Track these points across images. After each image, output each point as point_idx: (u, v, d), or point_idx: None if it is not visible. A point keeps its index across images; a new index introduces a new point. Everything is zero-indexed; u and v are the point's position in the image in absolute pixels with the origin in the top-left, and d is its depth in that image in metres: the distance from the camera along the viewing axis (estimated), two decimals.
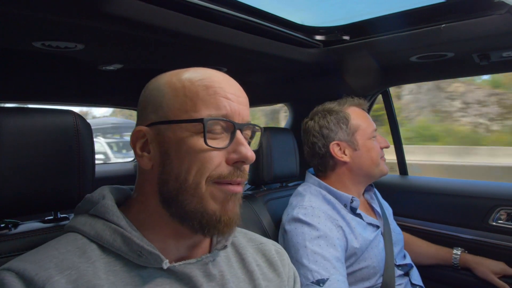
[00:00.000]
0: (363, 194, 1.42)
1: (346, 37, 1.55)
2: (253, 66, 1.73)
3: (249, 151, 0.64)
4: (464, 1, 1.21)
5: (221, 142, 0.64)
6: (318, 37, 1.58)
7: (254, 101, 2.63)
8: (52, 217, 0.88)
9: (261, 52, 1.42)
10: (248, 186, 1.74)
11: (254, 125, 0.70)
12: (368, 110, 2.02)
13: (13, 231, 0.81)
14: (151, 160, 0.65)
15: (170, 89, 0.65)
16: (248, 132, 0.70)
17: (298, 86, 2.09)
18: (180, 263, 0.65)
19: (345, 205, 1.26)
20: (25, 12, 0.91)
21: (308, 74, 1.91)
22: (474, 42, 1.32)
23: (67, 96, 1.91)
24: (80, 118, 0.84)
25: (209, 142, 0.62)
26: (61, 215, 0.89)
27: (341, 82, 1.84)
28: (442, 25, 1.26)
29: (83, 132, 0.83)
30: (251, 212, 1.38)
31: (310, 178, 1.37)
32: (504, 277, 1.45)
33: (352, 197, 1.26)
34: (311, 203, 1.22)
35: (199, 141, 0.61)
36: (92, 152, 0.86)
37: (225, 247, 0.71)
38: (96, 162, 0.89)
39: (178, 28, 1.09)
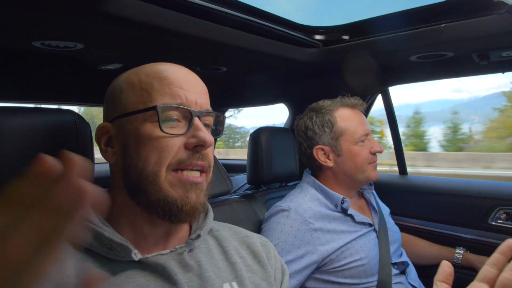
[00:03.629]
0: (363, 193, 1.42)
1: (345, 37, 1.55)
2: (253, 66, 1.73)
3: (207, 136, 0.64)
4: (464, 1, 1.21)
5: (179, 129, 0.64)
6: (318, 37, 1.58)
7: (254, 101, 2.64)
8: None
9: (261, 52, 1.42)
10: (248, 185, 1.75)
11: (212, 112, 0.70)
12: (367, 110, 2.02)
13: None
14: (115, 154, 0.67)
15: (128, 84, 0.68)
16: (209, 120, 0.70)
17: (297, 85, 2.09)
18: (153, 254, 0.65)
19: (336, 206, 1.26)
20: (25, 12, 0.90)
21: (307, 74, 1.91)
22: (474, 42, 1.32)
23: (67, 96, 1.91)
24: (79, 118, 0.84)
25: (166, 129, 0.63)
26: None
27: (341, 82, 1.84)
28: (442, 25, 1.26)
29: (83, 132, 0.83)
30: (251, 211, 1.38)
31: (306, 177, 1.37)
32: None
33: (343, 197, 1.26)
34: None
35: (155, 129, 0.63)
36: (92, 152, 0.86)
37: (198, 236, 0.71)
38: (96, 161, 0.89)
39: (178, 28, 1.09)
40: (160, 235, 0.69)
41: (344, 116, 1.31)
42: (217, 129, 0.74)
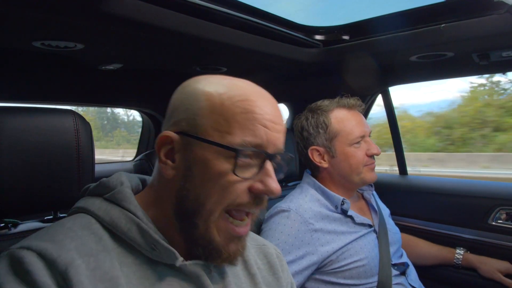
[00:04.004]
0: (363, 194, 1.42)
1: (346, 37, 1.55)
2: (253, 66, 1.73)
3: (274, 184, 0.61)
4: (464, 1, 1.21)
5: (249, 170, 0.61)
6: (318, 37, 1.58)
7: None
8: (51, 217, 0.88)
9: (261, 52, 1.42)
10: None
11: (287, 154, 0.66)
12: (367, 110, 2.02)
13: (13, 230, 0.81)
14: (174, 169, 0.62)
15: (208, 102, 0.61)
16: (279, 159, 0.67)
17: (297, 85, 2.09)
18: (190, 262, 0.63)
19: (336, 207, 1.26)
20: (25, 12, 0.90)
21: (308, 74, 1.91)
22: (474, 42, 1.32)
23: (66, 95, 1.91)
24: (80, 117, 0.84)
25: (237, 170, 0.59)
26: (61, 215, 0.89)
27: (341, 82, 1.84)
28: (442, 25, 1.26)
29: (82, 132, 0.83)
30: None
31: (307, 177, 1.37)
32: (507, 276, 1.45)
33: (343, 199, 1.26)
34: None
35: (227, 168, 0.59)
36: (92, 151, 0.86)
37: (234, 264, 0.68)
38: (96, 161, 0.89)
39: (178, 28, 1.09)
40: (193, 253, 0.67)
41: (340, 117, 1.30)
42: (283, 167, 0.69)
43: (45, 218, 0.88)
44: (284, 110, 2.31)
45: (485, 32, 1.23)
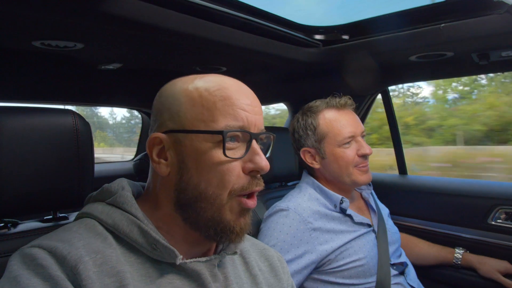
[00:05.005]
0: (361, 194, 1.42)
1: (345, 37, 1.55)
2: (253, 66, 1.73)
3: (263, 161, 0.65)
4: (464, 0, 1.21)
5: (238, 152, 0.65)
6: (318, 37, 1.58)
7: None
8: (51, 217, 0.88)
9: (261, 52, 1.42)
10: None
11: (269, 133, 0.71)
12: (367, 110, 2.02)
13: (12, 230, 0.81)
14: (168, 167, 0.66)
15: (187, 98, 0.65)
16: (263, 140, 0.71)
17: (297, 85, 2.09)
18: (191, 260, 0.66)
19: (335, 206, 1.26)
20: (25, 12, 0.90)
21: (307, 74, 1.91)
22: (474, 42, 1.32)
23: (66, 95, 1.91)
24: (79, 117, 0.84)
25: (227, 152, 0.63)
26: (60, 215, 0.89)
27: (341, 82, 1.84)
28: (442, 25, 1.26)
29: (82, 132, 0.83)
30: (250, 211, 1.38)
31: (306, 177, 1.38)
32: (506, 276, 1.45)
33: (342, 197, 1.26)
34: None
35: (217, 152, 0.63)
36: (92, 151, 0.86)
37: (235, 253, 0.72)
38: (96, 161, 0.89)
39: (178, 28, 1.09)
40: (195, 251, 0.70)
41: (328, 118, 1.29)
42: (267, 147, 0.74)
43: (45, 218, 0.88)
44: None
45: (485, 32, 1.23)
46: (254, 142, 0.66)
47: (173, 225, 0.67)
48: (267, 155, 0.72)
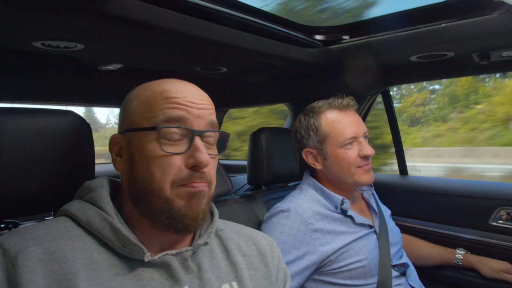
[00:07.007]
0: (362, 194, 1.42)
1: (345, 37, 1.54)
2: (253, 66, 1.73)
3: (203, 157, 0.66)
4: (464, 0, 1.21)
5: (180, 147, 0.67)
6: (318, 37, 1.57)
7: (254, 101, 2.63)
8: (51, 218, 0.88)
9: (261, 52, 1.42)
10: (248, 186, 1.74)
11: (214, 130, 0.72)
12: (368, 110, 2.02)
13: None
14: (122, 164, 0.71)
15: (137, 101, 0.71)
16: (213, 137, 0.72)
17: (298, 85, 2.08)
18: (160, 255, 0.67)
19: (335, 207, 1.26)
20: (25, 12, 0.90)
21: (307, 74, 1.90)
22: (474, 42, 1.32)
23: (67, 96, 1.91)
24: (79, 118, 0.84)
25: (166, 148, 0.66)
26: None
27: (341, 82, 1.84)
28: (442, 25, 1.26)
29: (82, 132, 0.83)
30: (251, 212, 1.38)
31: (306, 178, 1.37)
32: None
33: (343, 198, 1.26)
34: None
35: (156, 147, 0.66)
36: (92, 152, 0.86)
37: (206, 243, 0.73)
38: (96, 162, 0.89)
39: (178, 28, 1.09)
40: (166, 243, 0.71)
41: (330, 119, 1.29)
42: (222, 145, 0.76)
43: (45, 218, 0.88)
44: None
45: (485, 32, 1.23)
46: (197, 139, 0.67)
47: (136, 220, 0.69)
48: (222, 152, 0.75)
